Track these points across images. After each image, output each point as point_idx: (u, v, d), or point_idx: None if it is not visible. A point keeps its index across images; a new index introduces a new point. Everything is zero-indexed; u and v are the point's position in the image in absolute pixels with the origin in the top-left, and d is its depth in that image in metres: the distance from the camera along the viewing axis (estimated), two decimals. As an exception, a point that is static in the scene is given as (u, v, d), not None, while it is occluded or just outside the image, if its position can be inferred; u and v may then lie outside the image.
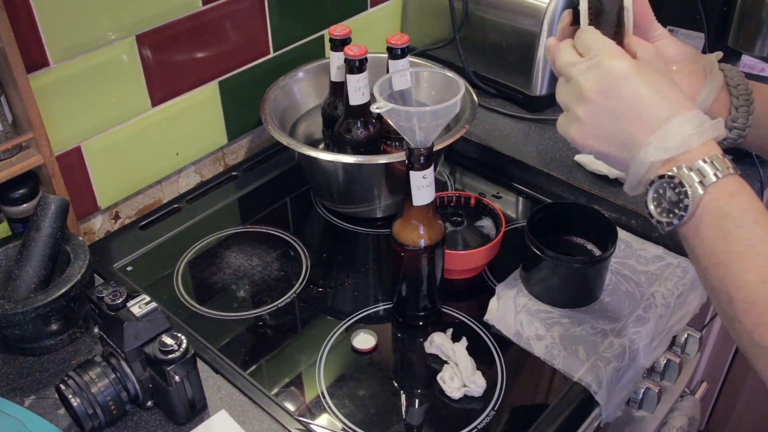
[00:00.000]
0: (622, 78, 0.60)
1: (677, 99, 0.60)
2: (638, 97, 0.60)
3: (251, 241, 1.05)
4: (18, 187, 0.92)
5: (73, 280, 0.83)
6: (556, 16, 1.16)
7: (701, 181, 0.57)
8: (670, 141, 0.58)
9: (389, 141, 1.06)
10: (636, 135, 0.60)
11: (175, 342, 0.73)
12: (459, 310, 0.93)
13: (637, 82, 0.60)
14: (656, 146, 0.59)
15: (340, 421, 0.79)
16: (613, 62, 0.61)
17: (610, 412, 0.84)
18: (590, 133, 0.63)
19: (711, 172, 0.57)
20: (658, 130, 0.59)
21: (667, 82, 0.61)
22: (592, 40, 0.64)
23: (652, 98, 0.60)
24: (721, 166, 0.57)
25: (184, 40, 1.05)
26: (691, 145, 0.58)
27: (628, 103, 0.60)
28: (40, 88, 0.91)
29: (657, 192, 0.60)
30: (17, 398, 0.81)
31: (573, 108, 0.64)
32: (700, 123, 0.58)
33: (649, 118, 0.59)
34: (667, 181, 0.58)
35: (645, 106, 0.60)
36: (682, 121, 0.58)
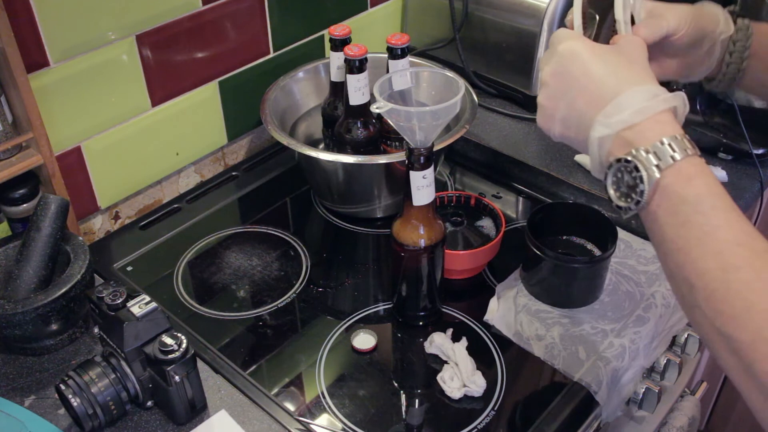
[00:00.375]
0: (574, 58, 0.60)
1: (630, 74, 0.59)
2: (588, 75, 0.59)
3: (251, 241, 1.05)
4: (18, 187, 0.92)
5: (73, 280, 0.83)
6: (556, 16, 1.16)
7: (658, 164, 0.55)
8: (615, 115, 0.57)
9: (389, 141, 1.06)
10: (588, 114, 0.59)
11: (175, 342, 0.73)
12: (459, 310, 0.93)
13: (588, 61, 0.60)
14: (601, 121, 0.58)
15: (340, 421, 0.79)
16: (566, 45, 0.61)
17: (610, 412, 0.84)
18: (549, 116, 0.63)
19: (668, 154, 0.55)
20: (607, 108, 0.58)
21: (623, 60, 0.60)
22: (556, 34, 0.64)
23: (603, 76, 0.59)
24: (679, 147, 0.55)
25: (184, 40, 1.05)
26: (638, 119, 0.56)
27: (581, 83, 0.60)
28: (40, 88, 0.91)
29: (615, 176, 0.58)
30: (17, 398, 0.81)
31: (540, 87, 0.64)
32: (653, 96, 0.57)
33: (599, 96, 0.58)
34: (624, 165, 0.57)
35: (595, 84, 0.59)
36: (632, 94, 0.57)
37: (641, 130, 0.56)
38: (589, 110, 0.59)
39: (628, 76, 0.59)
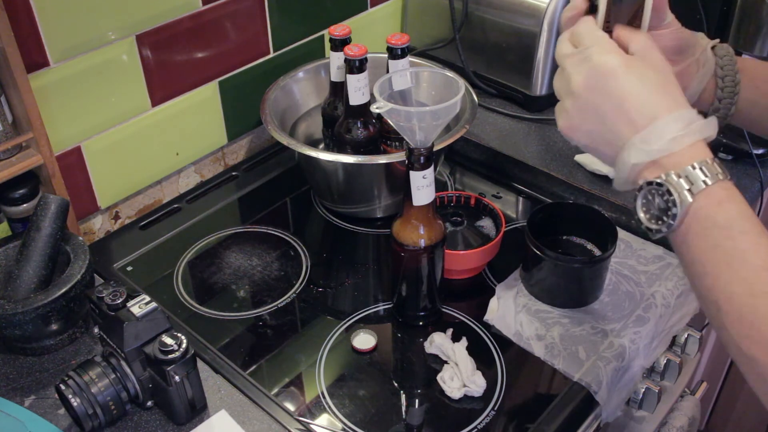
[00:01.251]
0: (610, 74, 0.59)
1: (666, 97, 0.58)
2: (624, 94, 0.58)
3: (251, 241, 1.05)
4: (18, 187, 0.92)
5: (73, 280, 0.83)
6: (556, 16, 1.16)
7: (690, 188, 0.55)
8: (654, 143, 0.57)
9: (389, 141, 1.06)
10: (620, 134, 0.58)
11: (175, 342, 0.73)
12: (459, 310, 0.93)
13: (624, 80, 0.59)
14: (639, 147, 0.57)
15: (340, 421, 0.79)
16: (602, 57, 0.60)
17: (610, 412, 0.84)
18: (576, 126, 0.62)
19: (700, 178, 0.55)
20: (643, 131, 0.57)
21: (658, 79, 0.59)
22: (584, 32, 0.62)
23: (639, 96, 0.58)
24: (710, 171, 0.55)
25: (184, 40, 1.05)
26: (676, 148, 0.56)
27: (614, 101, 0.59)
28: (40, 88, 0.91)
29: (646, 198, 0.58)
30: (17, 398, 0.81)
31: (563, 99, 0.63)
32: (688, 123, 0.57)
33: (634, 117, 0.58)
34: (656, 188, 0.57)
35: (631, 105, 0.58)
36: (669, 121, 0.57)
37: (675, 155, 0.56)
38: (623, 130, 0.58)
39: (664, 100, 0.58)
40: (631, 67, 0.59)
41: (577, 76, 0.60)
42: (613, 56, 0.60)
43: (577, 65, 0.61)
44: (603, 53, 0.60)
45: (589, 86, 0.60)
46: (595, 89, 0.60)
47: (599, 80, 0.59)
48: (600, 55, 0.60)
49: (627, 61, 0.60)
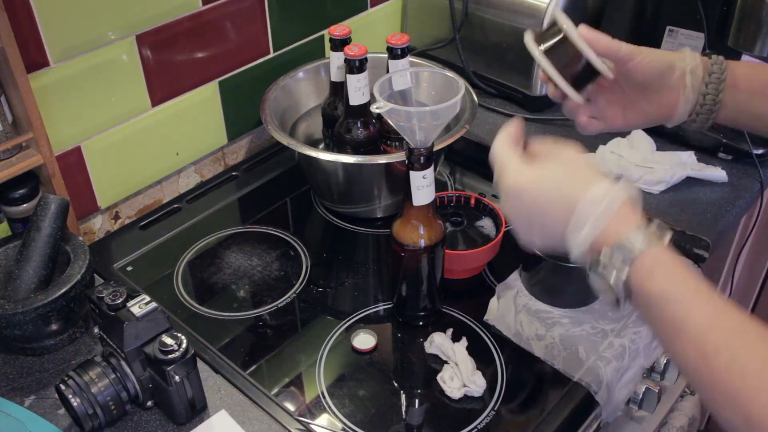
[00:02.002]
0: (519, 194, 0.65)
1: (575, 184, 0.62)
2: (541, 203, 0.64)
3: (251, 241, 1.05)
4: (18, 187, 0.92)
5: (73, 280, 0.83)
6: (556, 16, 1.16)
7: (623, 260, 0.58)
8: (581, 229, 0.60)
9: (389, 141, 1.06)
10: (556, 231, 0.63)
11: (175, 342, 0.73)
12: (459, 310, 0.93)
13: (533, 193, 0.64)
14: (572, 239, 0.61)
15: (340, 421, 0.79)
16: (509, 180, 0.65)
17: (610, 412, 0.84)
18: (527, 238, 0.67)
19: (629, 250, 0.58)
20: (569, 224, 0.61)
21: (563, 170, 0.64)
22: (496, 155, 0.68)
23: (554, 198, 0.63)
24: (638, 239, 0.58)
25: (184, 40, 1.05)
26: (601, 225, 0.60)
27: (537, 210, 0.64)
28: (40, 88, 0.91)
29: (595, 281, 0.62)
30: (17, 398, 0.81)
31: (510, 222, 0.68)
32: (605, 194, 0.60)
33: (559, 216, 0.62)
34: (594, 268, 0.60)
35: (551, 208, 0.63)
36: (587, 203, 0.60)
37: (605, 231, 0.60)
38: (557, 228, 0.63)
39: (574, 188, 0.62)
40: (535, 179, 0.65)
41: (504, 204, 0.67)
42: (514, 177, 0.65)
43: (501, 190, 0.67)
44: (510, 176, 0.66)
45: (514, 207, 0.66)
46: (519, 208, 0.66)
47: (517, 200, 0.65)
48: (508, 178, 0.66)
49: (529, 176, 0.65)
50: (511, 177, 0.66)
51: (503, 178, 0.66)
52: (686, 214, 1.02)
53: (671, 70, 0.76)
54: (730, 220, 1.03)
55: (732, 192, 1.06)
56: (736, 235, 1.26)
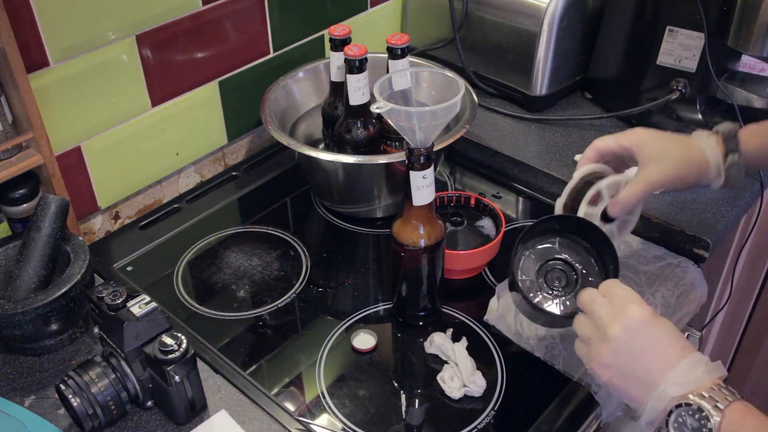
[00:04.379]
0: (643, 323, 0.68)
1: (683, 343, 0.68)
2: (655, 340, 0.68)
3: (251, 241, 1.05)
4: (18, 187, 0.92)
5: (73, 280, 0.83)
6: (556, 16, 1.16)
7: (716, 405, 0.63)
8: (688, 377, 0.65)
9: (389, 141, 1.06)
10: (654, 372, 0.67)
11: (175, 342, 0.73)
12: (459, 310, 0.93)
13: (653, 327, 0.68)
14: (674, 382, 0.66)
15: (340, 421, 0.79)
16: (635, 308, 0.69)
17: (610, 412, 0.84)
18: (609, 366, 0.69)
19: (721, 398, 0.63)
20: (674, 369, 0.66)
21: (674, 328, 0.70)
22: (615, 286, 0.72)
23: (667, 341, 0.68)
24: (727, 393, 0.64)
25: (184, 40, 1.05)
26: (703, 381, 0.65)
27: (647, 345, 0.68)
28: (40, 88, 0.91)
29: (677, 421, 0.65)
30: (17, 398, 0.81)
31: (596, 344, 0.70)
32: (707, 363, 0.67)
33: (665, 359, 0.67)
34: (685, 409, 0.64)
35: (661, 348, 0.67)
36: (695, 361, 0.66)
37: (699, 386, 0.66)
38: (657, 368, 0.67)
39: (683, 345, 0.68)
40: (656, 317, 0.70)
41: (615, 324, 0.69)
42: (644, 308, 0.70)
43: (612, 315, 0.70)
44: (636, 304, 0.70)
45: (626, 330, 0.68)
46: (633, 334, 0.68)
47: (638, 328, 0.68)
48: (635, 308, 0.69)
49: (653, 312, 0.70)
50: (642, 307, 0.69)
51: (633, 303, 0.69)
52: (686, 214, 1.02)
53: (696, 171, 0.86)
54: (730, 220, 1.03)
55: (732, 192, 1.06)
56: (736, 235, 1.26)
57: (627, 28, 1.17)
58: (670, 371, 0.66)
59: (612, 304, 0.70)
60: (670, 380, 0.66)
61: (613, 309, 0.70)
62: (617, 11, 1.18)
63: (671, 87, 1.13)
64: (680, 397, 0.65)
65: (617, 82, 1.22)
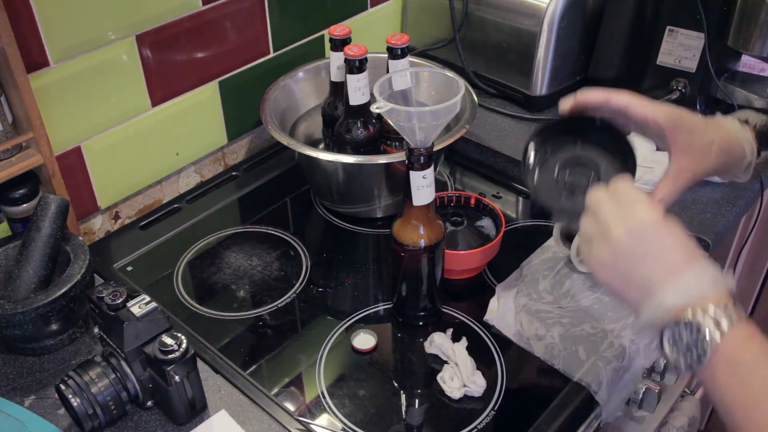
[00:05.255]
0: (649, 225, 0.64)
1: (694, 250, 0.63)
2: (661, 244, 0.63)
3: (251, 241, 1.05)
4: (18, 187, 0.92)
5: (73, 280, 0.83)
6: (556, 16, 1.16)
7: (717, 326, 0.58)
8: (689, 289, 0.61)
9: (389, 141, 1.06)
10: (655, 279, 0.62)
11: (175, 342, 0.73)
12: (459, 310, 0.93)
13: (660, 231, 0.64)
14: (676, 292, 0.61)
15: (340, 421, 0.79)
16: (643, 209, 0.65)
17: (610, 412, 0.84)
18: (611, 270, 0.65)
19: (725, 318, 0.58)
20: (678, 278, 0.61)
21: (685, 234, 0.65)
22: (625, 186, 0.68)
23: (673, 247, 0.63)
24: (733, 313, 0.59)
25: (184, 40, 1.05)
26: (707, 294, 0.60)
27: (651, 249, 0.63)
28: (40, 88, 0.91)
29: (673, 336, 0.61)
30: (17, 398, 0.81)
31: (598, 244, 0.66)
32: (715, 271, 0.62)
33: (669, 265, 0.62)
34: (685, 326, 0.59)
35: (666, 254, 0.63)
36: (700, 271, 0.61)
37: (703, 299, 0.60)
38: (658, 275, 0.62)
39: (693, 251, 0.63)
40: (666, 221, 0.64)
41: (619, 223, 0.65)
42: (652, 209, 0.65)
43: (618, 215, 0.65)
44: (644, 205, 0.65)
45: (631, 232, 0.64)
46: (638, 236, 0.64)
47: (641, 228, 0.64)
48: (642, 206, 0.65)
49: (666, 218, 0.65)
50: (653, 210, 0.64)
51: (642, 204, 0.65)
52: (686, 214, 1.02)
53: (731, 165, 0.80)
54: (730, 220, 1.03)
55: (732, 192, 1.06)
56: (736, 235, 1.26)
57: (627, 28, 1.17)
58: (672, 280, 0.61)
59: (619, 206, 0.66)
60: (670, 290, 0.61)
61: (620, 210, 0.65)
62: (617, 11, 1.18)
63: (671, 87, 1.13)
64: (679, 310, 0.60)
65: (617, 82, 1.22)
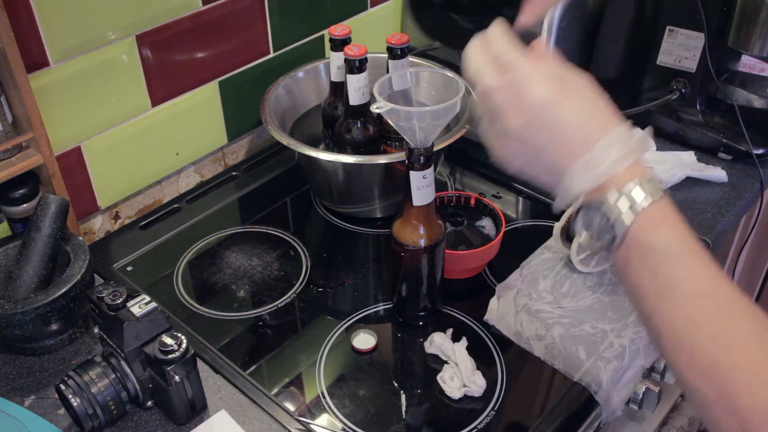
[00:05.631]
0: (546, 108, 0.57)
1: (599, 119, 0.57)
2: (561, 124, 0.57)
3: (251, 241, 1.05)
4: (18, 187, 0.92)
5: (73, 280, 0.83)
6: (556, 16, 1.16)
7: (630, 207, 0.55)
8: (595, 168, 0.56)
9: (389, 141, 1.06)
10: (560, 162, 0.58)
11: (175, 342, 0.73)
12: (459, 310, 0.93)
13: (560, 110, 0.57)
14: (581, 174, 0.57)
15: (340, 421, 0.79)
16: (535, 91, 0.57)
17: (610, 412, 0.84)
18: (513, 157, 0.61)
19: (638, 199, 0.55)
20: (582, 157, 0.56)
21: (588, 101, 0.59)
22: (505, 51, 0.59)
23: (575, 124, 0.57)
24: (647, 191, 0.55)
25: (184, 40, 1.05)
26: (617, 170, 0.56)
27: (552, 132, 0.58)
28: (40, 88, 0.91)
29: (586, 216, 0.58)
30: (17, 398, 0.81)
31: (497, 138, 0.61)
32: (625, 142, 0.56)
33: (572, 145, 0.57)
34: (595, 210, 0.57)
35: (568, 133, 0.57)
36: (606, 145, 0.56)
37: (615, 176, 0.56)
38: (563, 158, 0.58)
39: (597, 122, 0.57)
40: (563, 94, 0.58)
41: (512, 113, 0.59)
42: (545, 87, 0.58)
43: (509, 104, 0.59)
44: (535, 85, 0.58)
45: (526, 123, 0.58)
46: (533, 124, 0.58)
47: (535, 114, 0.58)
48: (533, 87, 0.58)
49: (558, 90, 0.58)
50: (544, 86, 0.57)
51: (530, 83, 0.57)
52: (686, 214, 1.02)
53: None
54: (730, 220, 1.03)
55: (732, 192, 1.06)
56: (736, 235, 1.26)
57: (627, 28, 1.17)
58: (576, 162, 0.56)
59: (510, 84, 0.58)
60: (576, 173, 0.56)
61: (511, 92, 0.58)
62: (617, 11, 1.18)
63: (671, 87, 1.13)
64: (591, 191, 0.56)
65: (617, 82, 1.22)
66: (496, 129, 0.61)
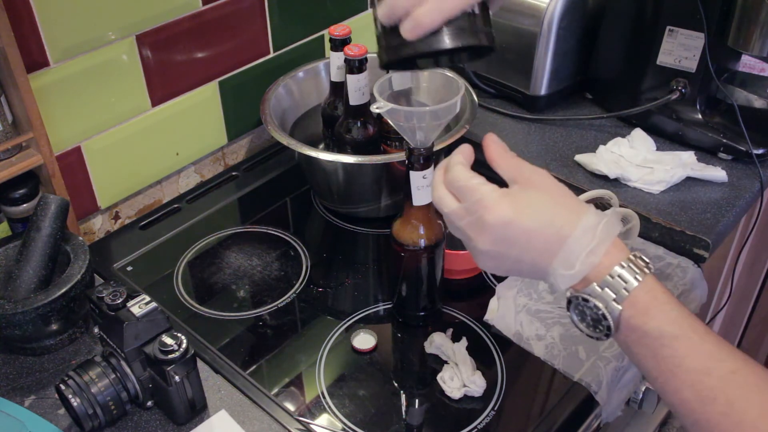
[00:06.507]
0: (508, 226, 0.59)
1: (563, 213, 0.59)
2: (528, 234, 0.59)
3: (251, 241, 1.05)
4: (18, 187, 0.92)
5: (73, 280, 0.83)
6: (555, 16, 1.16)
7: (615, 298, 0.57)
8: (574, 262, 0.58)
9: (389, 141, 1.06)
10: (540, 265, 0.60)
11: (175, 342, 0.73)
12: (459, 310, 0.93)
13: (522, 222, 0.59)
14: (562, 273, 0.58)
15: (340, 421, 0.79)
16: (493, 215, 0.60)
17: (610, 412, 0.84)
18: (497, 268, 0.63)
19: (621, 286, 0.56)
20: (558, 255, 0.58)
21: (548, 199, 0.60)
22: (462, 183, 0.62)
23: (541, 227, 0.59)
24: (630, 273, 0.56)
25: (184, 40, 1.05)
26: (596, 260, 0.57)
27: (522, 243, 0.59)
28: (40, 88, 0.91)
29: (578, 309, 0.60)
30: (17, 398, 0.81)
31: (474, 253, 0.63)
32: (595, 229, 0.58)
33: (546, 247, 0.59)
34: (583, 303, 0.58)
35: (537, 239, 0.59)
36: (577, 237, 0.57)
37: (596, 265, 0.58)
38: (541, 261, 0.59)
39: (563, 217, 0.59)
40: (522, 207, 0.60)
41: (480, 238, 0.61)
42: (502, 208, 0.60)
43: (473, 228, 0.61)
44: (491, 206, 0.60)
45: (495, 241, 0.60)
46: (502, 241, 0.60)
47: (500, 233, 0.60)
48: (491, 213, 0.60)
49: (517, 204, 0.60)
50: (500, 208, 0.60)
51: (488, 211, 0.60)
52: (686, 214, 1.02)
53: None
54: (730, 220, 1.03)
55: (732, 192, 1.06)
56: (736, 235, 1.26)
57: (627, 28, 1.17)
58: (554, 259, 0.58)
59: (468, 211, 0.61)
60: (557, 271, 0.58)
61: (472, 219, 0.61)
62: (617, 11, 1.18)
63: (671, 87, 1.13)
64: (574, 288, 0.58)
65: (617, 82, 1.22)
66: (471, 248, 0.63)
